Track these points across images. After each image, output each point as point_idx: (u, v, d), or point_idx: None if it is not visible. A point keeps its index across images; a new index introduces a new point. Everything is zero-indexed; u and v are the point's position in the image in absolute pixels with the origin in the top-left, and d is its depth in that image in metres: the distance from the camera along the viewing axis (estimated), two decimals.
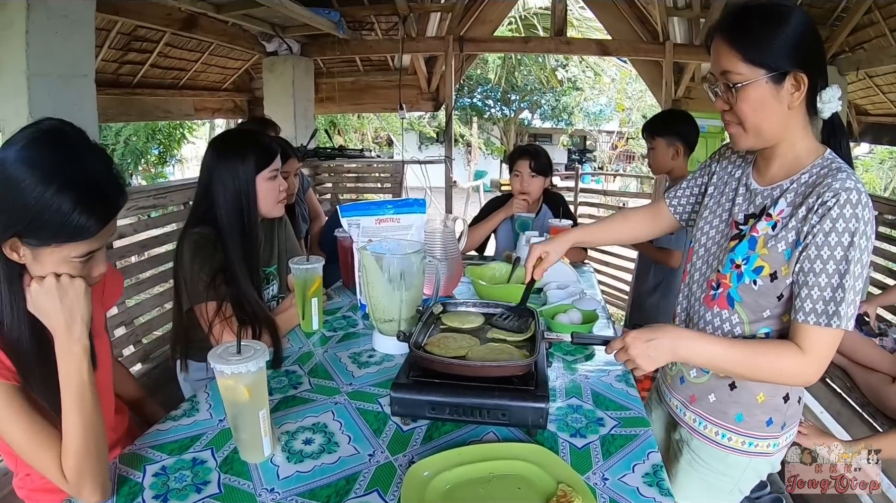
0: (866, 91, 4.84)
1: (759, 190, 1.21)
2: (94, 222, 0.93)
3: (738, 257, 1.18)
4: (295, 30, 4.70)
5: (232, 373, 1.00)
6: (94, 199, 0.92)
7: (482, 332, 1.38)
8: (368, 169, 5.30)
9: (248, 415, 1.04)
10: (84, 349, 0.95)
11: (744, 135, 1.14)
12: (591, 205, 6.29)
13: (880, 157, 12.11)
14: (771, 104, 1.09)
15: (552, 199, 2.76)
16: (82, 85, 2.80)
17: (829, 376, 2.29)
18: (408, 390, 1.14)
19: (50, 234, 0.91)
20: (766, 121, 1.10)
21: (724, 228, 1.27)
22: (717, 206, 1.32)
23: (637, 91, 13.90)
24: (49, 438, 0.95)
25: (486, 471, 1.00)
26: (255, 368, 1.01)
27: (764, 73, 1.06)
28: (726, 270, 1.21)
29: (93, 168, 0.95)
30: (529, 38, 7.04)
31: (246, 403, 1.03)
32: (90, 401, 0.96)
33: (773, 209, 1.15)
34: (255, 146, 1.68)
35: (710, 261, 1.29)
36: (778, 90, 1.07)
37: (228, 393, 1.03)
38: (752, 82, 1.07)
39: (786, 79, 1.06)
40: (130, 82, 4.54)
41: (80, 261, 0.97)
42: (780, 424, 1.26)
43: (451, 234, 1.92)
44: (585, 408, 1.28)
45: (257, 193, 1.67)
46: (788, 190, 1.14)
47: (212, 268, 1.57)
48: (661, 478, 1.04)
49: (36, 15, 2.57)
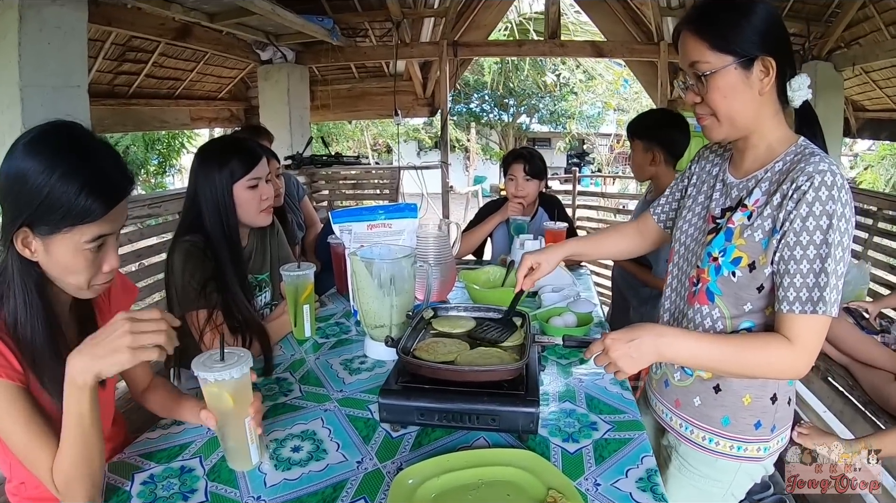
0: (863, 87, 4.84)
1: (735, 182, 1.19)
2: (101, 204, 0.94)
3: (715, 250, 1.16)
4: (289, 38, 4.71)
5: (215, 380, 0.99)
6: (99, 182, 0.94)
7: (472, 337, 1.36)
8: (366, 175, 5.29)
9: (233, 423, 1.03)
10: (85, 384, 0.91)
11: (717, 125, 1.13)
12: (590, 207, 6.28)
13: (881, 154, 12.08)
14: (741, 90, 1.08)
15: (547, 202, 2.74)
16: (76, 96, 2.81)
17: (831, 375, 2.26)
18: (396, 396, 1.12)
19: (58, 217, 0.92)
20: (738, 108, 1.09)
21: (702, 224, 1.26)
22: (695, 203, 1.30)
23: (633, 93, 13.90)
24: (47, 443, 0.95)
25: (474, 478, 0.99)
26: (239, 375, 1.00)
27: (732, 59, 1.06)
28: (704, 264, 1.19)
29: (97, 154, 0.96)
30: (523, 42, 7.06)
31: (231, 411, 1.01)
32: (87, 430, 0.93)
33: (749, 199, 1.13)
34: (233, 154, 1.64)
35: (689, 258, 1.27)
36: (747, 76, 1.07)
37: (213, 400, 1.02)
38: (720, 69, 1.06)
39: (754, 64, 1.06)
40: (126, 93, 4.54)
41: (91, 248, 0.97)
42: (770, 427, 1.21)
43: (445, 238, 1.90)
44: (579, 413, 1.27)
45: (236, 202, 1.64)
46: (763, 179, 1.12)
47: (202, 277, 1.55)
48: (654, 482, 1.02)
49: (28, 26, 2.58)
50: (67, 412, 0.92)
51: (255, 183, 1.66)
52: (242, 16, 3.77)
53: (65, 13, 2.71)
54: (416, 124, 15.56)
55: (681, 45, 1.13)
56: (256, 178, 1.66)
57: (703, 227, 1.25)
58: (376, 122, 13.93)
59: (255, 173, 1.66)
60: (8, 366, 0.95)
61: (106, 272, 1.02)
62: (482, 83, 15.74)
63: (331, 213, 1.81)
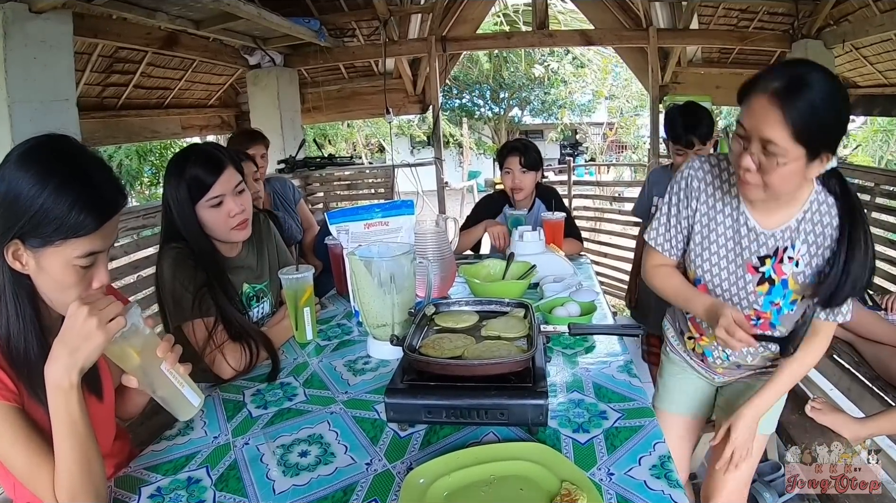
0: (854, 63, 4.81)
1: (769, 233, 1.31)
2: (93, 218, 0.93)
3: (777, 298, 1.35)
4: (276, 41, 4.68)
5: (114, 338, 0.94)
6: (91, 196, 0.94)
7: (477, 331, 1.35)
8: (360, 176, 5.27)
9: (151, 374, 1.00)
10: (71, 385, 0.92)
11: (761, 193, 1.20)
12: (585, 196, 6.27)
13: (873, 130, 12.03)
14: (798, 175, 1.15)
15: (545, 193, 2.73)
16: (64, 109, 2.79)
17: (836, 352, 2.25)
18: (402, 395, 1.11)
19: (50, 230, 0.92)
20: (789, 187, 1.19)
21: (739, 271, 1.37)
22: (720, 247, 1.38)
23: (623, 80, 13.87)
24: (46, 462, 0.94)
25: (486, 474, 0.98)
26: (129, 324, 0.95)
27: (805, 153, 1.10)
28: (765, 309, 1.37)
29: (90, 168, 0.96)
30: (512, 34, 7.02)
31: (140, 364, 0.99)
32: (81, 436, 0.93)
33: (793, 251, 1.30)
34: (191, 169, 1.53)
35: (733, 300, 1.40)
36: (809, 166, 1.13)
37: (123, 362, 0.99)
38: (792, 160, 1.11)
39: (818, 158, 1.12)
40: (115, 104, 4.51)
41: (82, 264, 0.96)
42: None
43: (443, 234, 1.89)
44: (587, 402, 1.25)
45: (202, 222, 1.56)
46: (798, 230, 1.28)
47: (195, 285, 1.50)
48: (668, 469, 1.01)
49: (13, 42, 2.56)
50: (58, 422, 0.92)
51: (217, 201, 1.55)
52: (228, 21, 3.74)
53: (49, 27, 2.69)
54: (409, 119, 15.47)
55: (757, 107, 1.12)
56: (219, 196, 1.55)
57: (744, 276, 1.36)
58: (369, 122, 13.89)
59: (217, 189, 1.54)
60: (2, 387, 0.94)
61: (96, 289, 1.01)
62: (472, 78, 15.72)
63: (327, 214, 1.79)
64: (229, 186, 1.57)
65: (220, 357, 1.47)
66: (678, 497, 0.94)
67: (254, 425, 1.22)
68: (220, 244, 1.65)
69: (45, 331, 0.99)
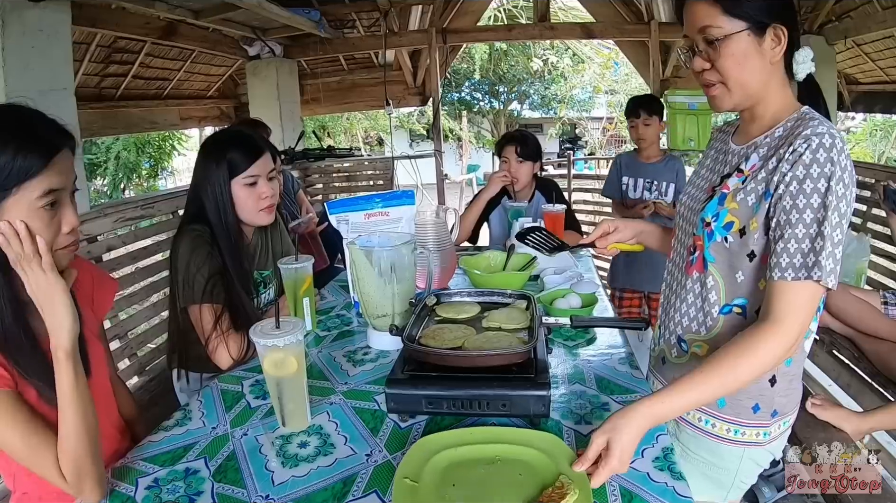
0: (855, 60, 4.80)
1: (735, 150, 1.18)
2: (38, 156, 0.96)
3: (708, 214, 1.15)
4: (276, 32, 4.66)
5: (284, 344, 1.06)
6: (32, 138, 0.97)
7: (478, 322, 1.34)
8: (359, 167, 5.25)
9: (295, 385, 1.11)
10: (66, 354, 0.96)
11: (727, 93, 1.10)
12: (585, 190, 6.24)
13: (872, 126, 12.04)
14: (753, 58, 1.06)
15: (545, 186, 2.71)
16: (62, 99, 2.77)
17: (836, 347, 2.25)
18: (403, 385, 1.09)
19: (2, 178, 0.94)
20: (750, 75, 1.07)
21: (700, 194, 1.24)
22: (698, 177, 1.29)
23: (623, 75, 13.85)
24: (46, 440, 0.96)
25: (492, 454, 0.99)
26: (302, 337, 1.09)
27: (745, 24, 1.03)
28: (699, 231, 1.17)
29: (31, 118, 0.99)
30: (513, 26, 6.99)
31: (294, 373, 1.10)
32: (82, 403, 0.97)
33: (745, 164, 1.12)
34: (232, 149, 1.59)
35: (686, 227, 1.26)
36: (759, 43, 1.05)
37: (277, 366, 1.09)
38: (734, 34, 1.04)
39: (766, 31, 1.04)
40: (114, 95, 4.49)
41: (43, 203, 0.97)
42: (770, 412, 1.16)
43: (443, 224, 1.87)
44: (589, 394, 1.25)
45: (234, 200, 1.60)
46: (761, 144, 1.11)
47: (209, 270, 1.52)
48: (671, 461, 1.00)
49: (11, 30, 2.53)
50: (62, 386, 0.96)
51: (252, 180, 1.61)
52: (228, 11, 3.72)
53: (47, 15, 2.67)
54: (409, 112, 15.43)
55: (687, 12, 1.09)
56: (255, 176, 1.61)
57: (700, 197, 1.23)
58: (368, 115, 13.85)
59: (254, 170, 1.60)
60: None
61: (66, 233, 1.02)
62: (472, 71, 15.66)
63: (326, 204, 1.78)
64: (265, 169, 1.63)
65: (223, 346, 1.48)
66: (682, 489, 0.93)
67: (252, 416, 1.21)
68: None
69: (26, 310, 1.00)
